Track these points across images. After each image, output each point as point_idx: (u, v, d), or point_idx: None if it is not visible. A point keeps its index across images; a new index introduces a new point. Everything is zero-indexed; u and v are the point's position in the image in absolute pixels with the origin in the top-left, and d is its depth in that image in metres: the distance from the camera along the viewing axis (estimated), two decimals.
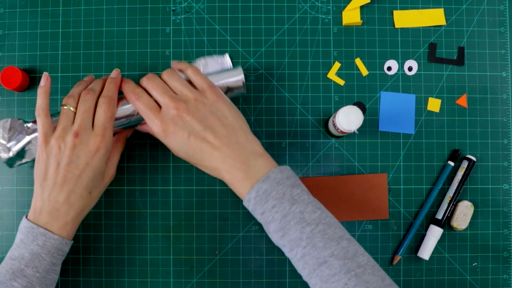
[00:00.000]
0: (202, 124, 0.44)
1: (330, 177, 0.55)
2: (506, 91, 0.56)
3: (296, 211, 0.41)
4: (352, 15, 0.56)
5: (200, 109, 0.45)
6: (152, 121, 0.45)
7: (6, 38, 0.56)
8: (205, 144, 0.44)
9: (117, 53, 0.56)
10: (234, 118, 0.46)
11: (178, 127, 0.44)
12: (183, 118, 0.44)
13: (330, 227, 0.41)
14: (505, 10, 0.57)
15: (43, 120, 0.45)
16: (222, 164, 0.44)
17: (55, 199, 0.44)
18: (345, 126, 0.48)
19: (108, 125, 0.46)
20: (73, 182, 0.44)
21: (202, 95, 0.46)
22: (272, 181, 0.42)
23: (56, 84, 0.56)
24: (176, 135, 0.44)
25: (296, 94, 0.56)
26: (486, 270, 0.55)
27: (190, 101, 0.45)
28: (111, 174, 0.48)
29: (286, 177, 0.42)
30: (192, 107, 0.45)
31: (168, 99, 0.45)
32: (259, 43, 0.56)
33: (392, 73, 0.56)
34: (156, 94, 0.46)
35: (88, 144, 0.45)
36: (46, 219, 0.44)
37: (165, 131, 0.45)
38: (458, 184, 0.54)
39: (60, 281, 0.54)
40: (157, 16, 0.56)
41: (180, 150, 0.45)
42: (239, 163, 0.43)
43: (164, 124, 0.45)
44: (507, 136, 0.56)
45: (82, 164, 0.44)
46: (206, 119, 0.44)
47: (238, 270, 0.54)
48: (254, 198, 0.42)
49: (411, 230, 0.54)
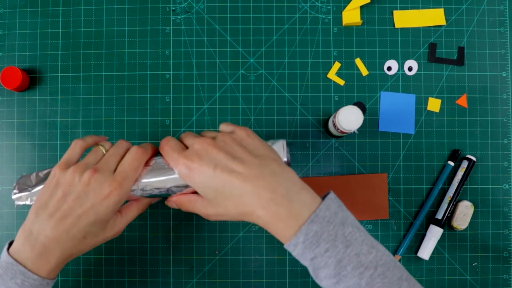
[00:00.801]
0: (229, 156, 0.39)
1: (330, 177, 0.55)
2: (506, 91, 0.56)
3: (352, 254, 0.35)
4: (352, 15, 0.56)
5: (228, 143, 0.40)
6: (176, 160, 0.40)
7: (6, 38, 0.56)
8: (233, 176, 0.37)
9: (117, 53, 0.56)
10: (266, 150, 0.41)
11: (203, 161, 0.39)
12: (208, 152, 0.39)
13: (389, 269, 0.36)
14: (505, 10, 0.57)
15: (74, 147, 0.43)
16: (257, 198, 0.37)
17: (45, 233, 0.39)
18: (345, 126, 0.48)
19: (130, 174, 0.41)
20: (71, 220, 0.39)
21: (231, 133, 0.42)
22: (321, 220, 0.36)
23: (56, 84, 0.56)
24: (201, 169, 0.38)
25: (296, 94, 0.56)
26: (486, 270, 0.55)
27: (217, 137, 0.41)
28: (116, 230, 0.43)
29: (335, 214, 0.37)
30: (219, 142, 0.40)
31: (195, 139, 0.41)
32: (259, 43, 0.56)
33: (392, 73, 0.56)
34: (186, 139, 0.43)
35: (102, 186, 0.40)
36: (28, 254, 0.39)
37: (189, 167, 0.39)
38: (458, 184, 0.54)
39: (60, 281, 0.54)
40: (157, 16, 0.56)
41: (206, 187, 0.39)
42: (278, 196, 0.36)
43: (188, 159, 0.39)
44: (507, 136, 0.56)
45: (87, 204, 0.39)
46: (234, 150, 0.39)
47: (238, 270, 0.54)
48: (302, 242, 0.35)
49: (411, 230, 0.54)
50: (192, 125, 0.55)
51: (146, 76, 0.56)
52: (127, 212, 0.44)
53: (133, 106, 0.55)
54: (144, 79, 0.56)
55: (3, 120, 0.55)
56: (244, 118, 0.55)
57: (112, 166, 0.42)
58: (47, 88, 0.56)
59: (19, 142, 0.55)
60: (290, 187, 0.37)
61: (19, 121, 0.55)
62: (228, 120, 0.55)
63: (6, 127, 0.55)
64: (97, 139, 0.45)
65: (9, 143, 0.55)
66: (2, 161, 0.55)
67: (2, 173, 0.55)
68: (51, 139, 0.55)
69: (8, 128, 0.55)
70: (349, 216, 0.38)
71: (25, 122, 0.55)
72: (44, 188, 0.41)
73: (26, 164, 0.55)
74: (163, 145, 0.43)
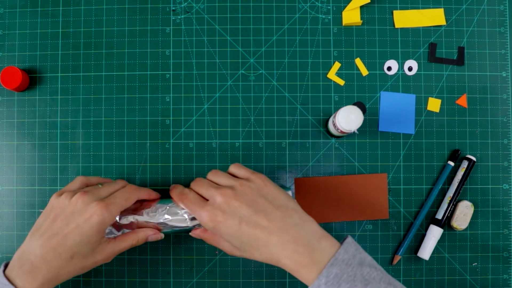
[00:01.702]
0: (252, 209, 0.41)
1: (330, 177, 0.55)
2: (506, 91, 0.56)
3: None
4: (352, 15, 0.56)
5: (248, 193, 0.42)
6: (199, 214, 0.43)
7: (6, 38, 0.56)
8: (259, 230, 0.40)
9: (117, 53, 0.56)
10: (285, 198, 0.43)
11: (227, 215, 0.41)
12: (230, 205, 0.42)
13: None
14: (505, 10, 0.57)
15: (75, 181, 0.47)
16: (282, 250, 0.40)
17: (34, 251, 0.41)
18: (345, 126, 0.48)
19: (118, 202, 0.44)
20: (58, 239, 0.41)
21: (247, 181, 0.44)
22: (340, 263, 0.38)
23: (56, 84, 0.56)
24: (226, 223, 0.41)
25: (296, 94, 0.56)
26: (486, 270, 0.55)
27: (236, 187, 0.43)
28: (106, 256, 0.44)
29: (353, 256, 0.39)
30: (239, 192, 0.42)
31: (213, 190, 0.43)
32: (259, 43, 0.56)
33: (392, 73, 0.56)
34: (202, 190, 0.45)
35: (87, 206, 0.42)
36: (17, 271, 0.41)
37: (213, 220, 0.42)
38: (458, 184, 0.54)
39: None
40: (157, 16, 0.56)
41: (233, 239, 0.42)
42: (301, 247, 0.39)
43: (212, 213, 0.42)
44: (507, 136, 0.56)
45: (73, 224, 0.42)
46: (255, 203, 0.42)
47: (238, 270, 0.54)
48: (324, 284, 0.38)
49: (411, 230, 0.54)
50: (192, 125, 0.55)
51: (146, 76, 0.56)
52: (122, 240, 0.45)
53: (133, 106, 0.55)
54: (144, 79, 0.56)
55: (3, 120, 0.55)
56: (244, 118, 0.55)
57: (102, 194, 0.45)
58: (47, 88, 0.56)
59: (19, 142, 0.55)
60: (311, 237, 0.40)
61: (19, 121, 0.55)
62: (228, 120, 0.55)
63: (6, 127, 0.55)
64: (100, 180, 0.48)
65: (9, 143, 0.55)
66: (2, 161, 0.55)
67: (2, 173, 0.55)
68: (51, 139, 0.55)
69: (8, 128, 0.55)
70: (367, 257, 0.40)
71: (25, 122, 0.55)
72: (41, 214, 0.45)
73: (26, 164, 0.55)
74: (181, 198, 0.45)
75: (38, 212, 0.55)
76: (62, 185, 0.55)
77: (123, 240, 0.45)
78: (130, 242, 0.46)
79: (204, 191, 0.45)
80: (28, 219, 0.54)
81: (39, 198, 0.55)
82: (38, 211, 0.55)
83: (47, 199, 0.55)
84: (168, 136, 0.55)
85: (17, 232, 0.54)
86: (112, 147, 0.55)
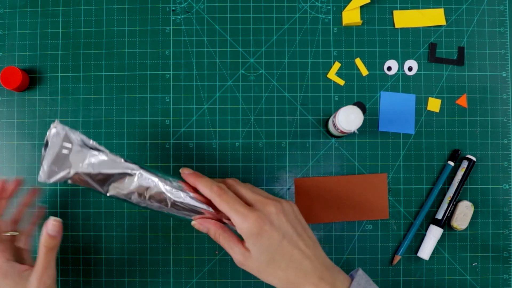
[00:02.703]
0: (294, 229, 0.42)
1: (330, 177, 0.55)
2: (506, 91, 0.56)
3: None
4: (352, 15, 0.56)
5: (290, 213, 0.43)
6: (244, 216, 0.40)
7: (6, 38, 0.56)
8: (296, 251, 0.41)
9: (117, 53, 0.56)
10: (310, 230, 0.44)
11: (274, 227, 0.41)
12: (279, 219, 0.41)
13: None
14: (505, 10, 0.57)
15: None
16: (311, 276, 0.40)
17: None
18: (345, 126, 0.48)
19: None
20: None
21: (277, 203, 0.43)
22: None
23: (56, 84, 0.56)
24: (271, 235, 0.40)
25: (296, 94, 0.56)
26: (486, 270, 0.55)
27: (282, 203, 0.43)
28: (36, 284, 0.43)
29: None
30: (285, 209, 0.42)
31: (263, 197, 0.43)
32: (259, 43, 0.56)
33: (392, 73, 0.56)
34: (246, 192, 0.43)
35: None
36: None
37: (260, 227, 0.40)
38: (458, 184, 0.54)
39: (60, 281, 0.54)
40: (157, 16, 0.56)
41: (266, 252, 0.41)
42: (327, 276, 0.41)
43: (261, 221, 0.40)
44: (507, 136, 0.56)
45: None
46: (296, 225, 0.42)
47: (238, 270, 0.54)
48: None
49: (411, 230, 0.54)
50: (192, 125, 0.55)
51: (146, 76, 0.56)
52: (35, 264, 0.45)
53: (133, 106, 0.55)
54: (144, 79, 0.56)
55: (3, 120, 0.55)
56: (244, 118, 0.55)
57: None
58: (47, 88, 0.56)
59: (19, 142, 0.55)
60: (332, 269, 0.42)
61: (19, 121, 0.55)
62: (228, 120, 0.55)
63: (6, 127, 0.55)
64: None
65: (9, 143, 0.55)
66: (2, 161, 0.55)
67: (2, 173, 0.55)
68: None
69: (8, 128, 0.55)
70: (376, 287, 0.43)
71: (25, 122, 0.55)
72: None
73: (26, 164, 0.55)
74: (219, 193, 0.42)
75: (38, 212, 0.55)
76: (62, 185, 0.55)
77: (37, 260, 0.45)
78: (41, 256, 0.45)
79: (249, 194, 0.43)
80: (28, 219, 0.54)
81: (39, 198, 0.55)
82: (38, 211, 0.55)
83: (47, 199, 0.55)
84: (168, 136, 0.55)
85: None
86: (112, 147, 0.55)
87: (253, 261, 0.41)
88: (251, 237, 0.41)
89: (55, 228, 0.45)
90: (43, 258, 0.44)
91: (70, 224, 0.54)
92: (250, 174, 0.55)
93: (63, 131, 0.44)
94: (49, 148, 0.43)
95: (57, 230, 0.45)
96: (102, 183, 0.44)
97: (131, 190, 0.44)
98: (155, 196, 0.44)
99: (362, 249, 0.55)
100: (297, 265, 0.41)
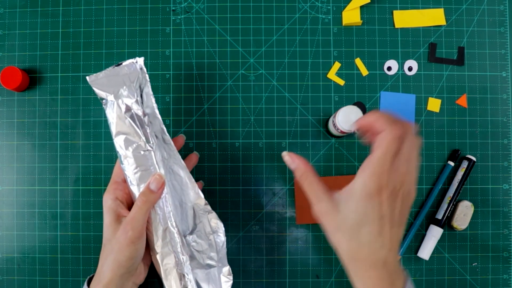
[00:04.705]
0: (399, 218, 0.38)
1: (330, 177, 0.55)
2: (506, 91, 0.56)
3: None
4: (352, 15, 0.56)
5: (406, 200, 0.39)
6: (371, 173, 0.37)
7: (6, 38, 0.56)
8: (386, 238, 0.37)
9: (117, 53, 0.56)
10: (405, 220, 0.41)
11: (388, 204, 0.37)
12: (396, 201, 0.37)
13: None
14: (505, 10, 0.57)
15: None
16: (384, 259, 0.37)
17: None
18: (345, 126, 0.48)
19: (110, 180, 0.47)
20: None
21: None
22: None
23: (56, 84, 0.56)
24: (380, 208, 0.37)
25: (296, 94, 0.56)
26: (486, 270, 0.55)
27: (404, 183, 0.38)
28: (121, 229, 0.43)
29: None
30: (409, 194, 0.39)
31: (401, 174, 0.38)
32: (259, 43, 0.56)
33: (392, 73, 0.56)
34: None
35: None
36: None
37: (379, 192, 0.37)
38: (458, 184, 0.54)
39: (60, 281, 0.54)
40: (157, 16, 0.56)
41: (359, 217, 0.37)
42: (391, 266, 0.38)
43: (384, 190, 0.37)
44: (507, 136, 0.56)
45: None
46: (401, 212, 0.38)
47: (238, 270, 0.54)
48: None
49: (411, 230, 0.54)
50: (192, 125, 0.55)
51: None
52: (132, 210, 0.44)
53: None
54: None
55: (3, 120, 0.55)
56: (244, 118, 0.55)
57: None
58: (47, 88, 0.56)
59: (19, 142, 0.55)
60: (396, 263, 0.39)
61: (19, 121, 0.55)
62: (228, 120, 0.55)
63: (6, 127, 0.55)
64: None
65: (9, 143, 0.55)
66: (2, 161, 0.55)
67: (2, 173, 0.55)
68: (51, 139, 0.55)
69: (8, 128, 0.55)
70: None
71: (25, 122, 0.55)
72: None
73: (26, 164, 0.55)
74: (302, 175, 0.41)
75: (38, 212, 0.55)
76: (62, 185, 0.55)
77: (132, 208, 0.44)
78: (135, 206, 0.43)
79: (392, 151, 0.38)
80: (28, 219, 0.54)
81: (39, 198, 0.55)
82: (38, 211, 0.55)
83: (47, 199, 0.55)
84: None
85: (17, 232, 0.54)
86: (112, 147, 0.55)
87: (336, 217, 0.38)
88: (362, 195, 0.37)
89: (157, 184, 0.43)
90: (135, 208, 0.43)
91: (70, 224, 0.54)
92: (250, 174, 0.55)
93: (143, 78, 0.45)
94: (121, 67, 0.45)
95: (158, 186, 0.43)
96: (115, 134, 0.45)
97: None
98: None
99: None
100: (376, 249, 0.37)
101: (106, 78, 0.45)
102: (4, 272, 0.54)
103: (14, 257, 0.54)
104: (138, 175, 0.44)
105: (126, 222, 0.42)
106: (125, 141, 0.44)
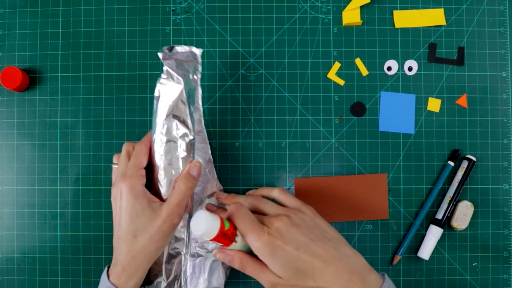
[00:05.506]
0: (308, 237, 0.42)
1: (330, 177, 0.55)
2: (506, 91, 0.56)
3: None
4: (352, 15, 0.56)
5: (302, 223, 0.43)
6: (256, 234, 0.41)
7: (6, 38, 0.56)
8: (316, 258, 0.41)
9: (117, 53, 0.56)
10: (334, 232, 0.44)
11: (286, 240, 0.41)
12: (289, 231, 0.42)
13: None
14: (505, 10, 0.57)
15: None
16: (338, 279, 0.40)
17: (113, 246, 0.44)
18: (197, 232, 0.39)
19: (133, 161, 0.44)
20: (117, 228, 0.43)
21: (299, 210, 0.45)
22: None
23: (56, 84, 0.56)
24: (285, 249, 0.41)
25: (296, 94, 0.56)
26: (486, 270, 0.55)
27: (291, 216, 0.43)
28: (164, 216, 0.42)
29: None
30: (295, 220, 0.43)
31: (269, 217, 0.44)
32: (259, 43, 0.56)
33: (392, 73, 0.56)
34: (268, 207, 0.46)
35: (115, 188, 0.44)
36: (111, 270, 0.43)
37: (272, 244, 0.41)
38: (458, 184, 0.54)
39: (60, 281, 0.54)
40: (157, 16, 0.56)
41: (287, 266, 0.41)
42: (355, 277, 0.40)
43: (272, 237, 0.41)
44: (507, 136, 0.56)
45: (117, 209, 0.43)
46: (310, 232, 0.43)
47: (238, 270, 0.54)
48: None
49: (411, 230, 0.54)
50: None
51: (146, 76, 0.56)
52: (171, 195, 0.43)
53: (133, 106, 0.55)
54: (144, 79, 0.56)
55: (3, 120, 0.55)
56: (244, 118, 0.55)
57: (121, 168, 0.45)
58: (47, 88, 0.56)
59: (19, 142, 0.55)
60: (362, 268, 0.41)
61: (19, 121, 0.55)
62: (228, 120, 0.55)
63: (6, 127, 0.55)
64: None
65: (9, 143, 0.55)
66: (2, 161, 0.55)
67: (2, 173, 0.55)
68: (51, 139, 0.55)
69: (8, 128, 0.55)
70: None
71: (25, 122, 0.55)
72: None
73: (26, 164, 0.55)
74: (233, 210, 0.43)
75: (38, 212, 0.55)
76: (62, 185, 0.55)
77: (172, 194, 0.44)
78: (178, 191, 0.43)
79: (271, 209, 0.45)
80: (28, 219, 0.54)
81: (39, 198, 0.55)
82: (38, 211, 0.55)
83: (47, 199, 0.55)
84: None
85: (17, 232, 0.55)
86: (112, 147, 0.55)
87: (281, 279, 0.41)
88: (267, 255, 0.41)
89: (196, 169, 0.44)
90: (179, 194, 0.43)
91: (70, 224, 0.54)
92: (250, 174, 0.55)
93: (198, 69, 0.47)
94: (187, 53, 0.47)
95: (198, 172, 0.44)
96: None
97: None
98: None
99: (362, 249, 0.55)
100: (321, 271, 0.40)
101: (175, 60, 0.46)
102: (4, 272, 0.54)
103: (14, 257, 0.54)
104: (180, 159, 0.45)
105: (170, 210, 0.42)
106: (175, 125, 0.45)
